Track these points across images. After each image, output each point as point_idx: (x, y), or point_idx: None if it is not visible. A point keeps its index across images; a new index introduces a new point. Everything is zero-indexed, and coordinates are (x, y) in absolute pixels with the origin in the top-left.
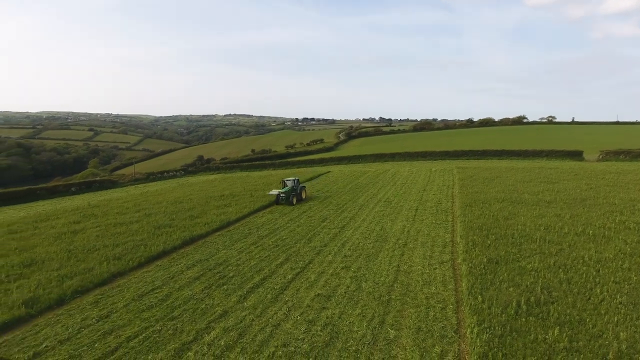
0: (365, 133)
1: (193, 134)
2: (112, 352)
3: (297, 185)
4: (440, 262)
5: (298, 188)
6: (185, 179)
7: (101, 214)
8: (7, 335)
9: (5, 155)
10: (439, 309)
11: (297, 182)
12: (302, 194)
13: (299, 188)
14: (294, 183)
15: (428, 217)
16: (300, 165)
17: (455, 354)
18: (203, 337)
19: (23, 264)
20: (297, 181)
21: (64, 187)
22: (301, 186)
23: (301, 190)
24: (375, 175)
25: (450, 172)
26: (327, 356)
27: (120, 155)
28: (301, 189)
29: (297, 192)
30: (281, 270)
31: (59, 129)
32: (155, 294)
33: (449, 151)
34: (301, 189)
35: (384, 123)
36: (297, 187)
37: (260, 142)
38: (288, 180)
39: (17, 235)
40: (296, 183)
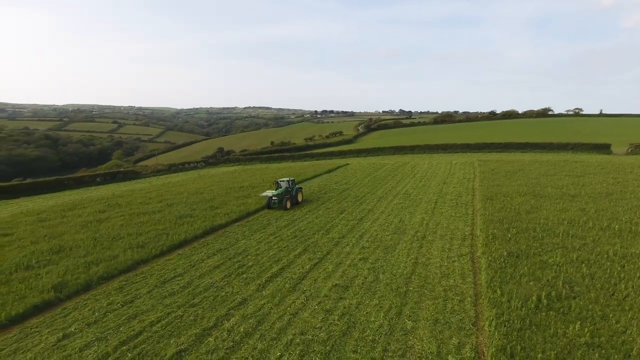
0: (385, 125)
1: (213, 126)
2: (136, 336)
3: (292, 186)
4: (459, 255)
5: (293, 190)
6: (206, 171)
7: (125, 204)
8: (38, 317)
9: (34, 147)
10: (456, 301)
11: (292, 182)
12: (298, 197)
13: (295, 190)
14: (288, 184)
15: (447, 210)
16: (319, 158)
17: (473, 346)
18: (223, 323)
19: (52, 251)
20: (292, 182)
21: (90, 177)
22: (297, 187)
23: (297, 193)
24: (394, 167)
25: (471, 165)
26: (344, 345)
27: (143, 147)
28: (297, 190)
29: (292, 195)
30: (299, 260)
31: (85, 121)
32: (177, 281)
33: (470, 144)
34: (297, 190)
35: (403, 115)
36: (292, 189)
37: (279, 134)
38: (282, 180)
39: (47, 223)
40: (291, 184)
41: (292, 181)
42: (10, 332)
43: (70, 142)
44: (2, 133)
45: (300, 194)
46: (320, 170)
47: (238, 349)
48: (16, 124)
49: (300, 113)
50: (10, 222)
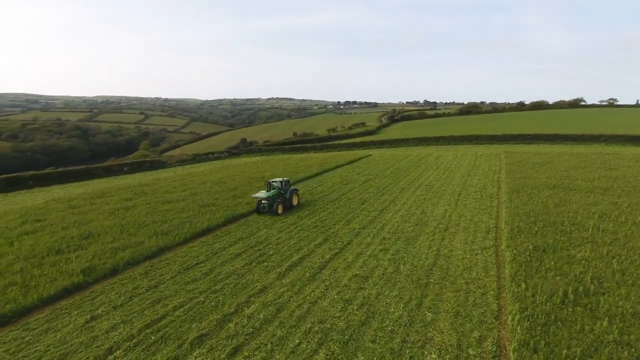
0: (409, 116)
1: (237, 117)
2: (160, 320)
3: (285, 188)
4: (482, 248)
5: (287, 192)
6: (229, 161)
7: (151, 192)
8: (68, 299)
9: (66, 137)
10: (479, 294)
11: (286, 184)
12: (293, 200)
13: (289, 192)
14: (281, 185)
15: (471, 202)
16: (341, 149)
17: (495, 340)
18: (243, 310)
19: (81, 236)
20: (286, 183)
21: (118, 166)
22: (292, 189)
23: (291, 195)
24: (418, 159)
25: (497, 156)
26: (362, 335)
27: (168, 138)
28: (292, 193)
29: (286, 198)
30: (319, 250)
31: (113, 112)
32: (200, 268)
33: (497, 135)
34: (292, 193)
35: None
36: (285, 191)
37: (302, 125)
38: (274, 181)
39: (77, 210)
40: (284, 185)
41: (286, 182)
42: (42, 313)
43: (100, 132)
44: (37, 124)
45: (295, 197)
46: (342, 161)
47: (257, 335)
48: (49, 115)
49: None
50: (43, 208)
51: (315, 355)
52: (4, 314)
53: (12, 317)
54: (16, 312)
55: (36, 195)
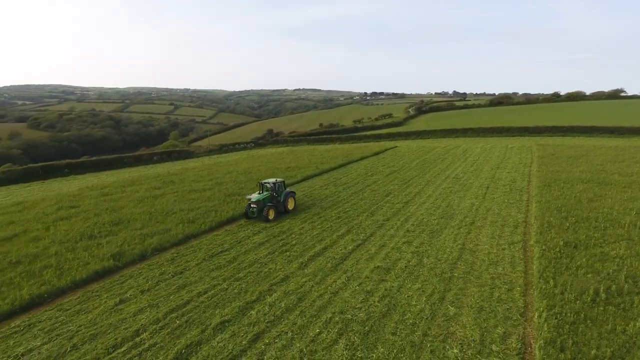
0: (437, 108)
1: (263, 108)
2: (185, 305)
3: (279, 190)
4: (510, 243)
5: (281, 195)
6: (255, 151)
7: (178, 181)
8: (99, 282)
9: (100, 127)
10: (504, 290)
11: (281, 185)
12: (288, 203)
13: (284, 195)
14: (274, 187)
15: (500, 195)
16: (367, 140)
17: (520, 337)
18: (265, 298)
19: (112, 223)
20: (281, 184)
21: (148, 156)
22: (288, 192)
23: (286, 198)
24: (445, 151)
25: (529, 149)
26: (383, 326)
27: (197, 128)
28: (287, 196)
29: (280, 201)
30: (342, 241)
31: (144, 103)
32: (224, 255)
33: (529, 127)
34: (287, 196)
35: (457, 97)
36: (279, 194)
37: (328, 116)
38: (267, 182)
39: (108, 197)
40: (278, 187)
41: (281, 183)
42: (75, 295)
43: (131, 122)
44: (72, 114)
45: (291, 200)
46: (368, 153)
47: (278, 323)
48: (84, 106)
49: (349, 95)
50: (77, 195)
51: (335, 345)
52: (39, 295)
53: (47, 298)
54: (51, 293)
55: (71, 183)
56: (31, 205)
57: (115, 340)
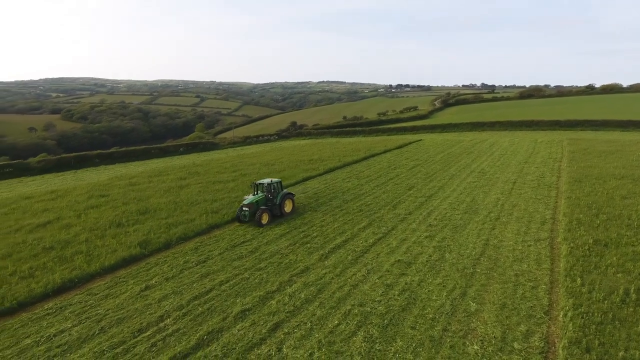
0: (464, 100)
1: (287, 101)
2: (207, 293)
3: (275, 191)
4: (536, 240)
5: (277, 197)
6: (278, 143)
7: (203, 172)
8: (126, 269)
9: (129, 119)
10: (529, 287)
11: (278, 186)
12: (285, 206)
13: (280, 197)
14: (270, 188)
15: (527, 191)
16: (391, 133)
17: (543, 336)
18: (285, 288)
19: (139, 212)
20: (278, 185)
21: (174, 147)
22: (285, 193)
23: (283, 200)
24: (471, 144)
25: (560, 143)
26: (402, 320)
27: (222, 120)
28: (284, 197)
29: (276, 204)
30: (363, 234)
31: (171, 95)
32: (246, 246)
33: (560, 121)
34: (284, 197)
35: (485, 90)
36: (275, 195)
37: (352, 109)
38: (262, 182)
39: (136, 187)
40: (274, 188)
41: (278, 184)
42: (103, 280)
43: (159, 114)
44: (103, 106)
45: (289, 203)
46: (391, 146)
47: (298, 314)
48: (114, 98)
49: (374, 87)
50: (107, 185)
51: (353, 337)
52: (71, 279)
53: (78, 283)
54: (81, 278)
55: (101, 173)
56: (64, 193)
57: (141, 325)
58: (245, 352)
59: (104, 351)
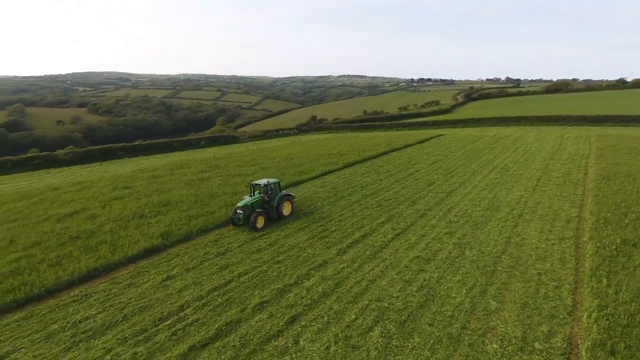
0: (487, 95)
1: (308, 95)
2: (226, 284)
3: (273, 193)
4: (560, 238)
5: (275, 199)
6: (298, 137)
7: (224, 165)
8: (148, 259)
9: (152, 113)
10: (552, 287)
11: (276, 187)
12: (283, 208)
13: (278, 198)
14: (266, 190)
15: (552, 188)
16: (412, 127)
17: (566, 337)
18: (303, 282)
19: (161, 203)
20: (275, 186)
21: (196, 140)
22: (283, 194)
23: (281, 203)
24: (494, 140)
25: (587, 139)
26: (420, 317)
27: (243, 114)
28: (282, 199)
29: (273, 206)
30: (382, 229)
31: (193, 89)
32: (264, 239)
33: (588, 116)
34: (282, 199)
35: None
36: (272, 197)
37: (372, 103)
38: (258, 183)
39: (158, 179)
40: (272, 189)
41: (275, 185)
42: (126, 269)
43: (181, 108)
44: (128, 100)
45: (287, 205)
46: (411, 141)
47: (315, 307)
48: (138, 92)
49: (395, 81)
50: (130, 177)
51: (370, 332)
52: (95, 268)
53: (102, 271)
54: (106, 267)
55: (125, 165)
56: (90, 185)
57: (162, 314)
58: (262, 343)
59: (126, 338)
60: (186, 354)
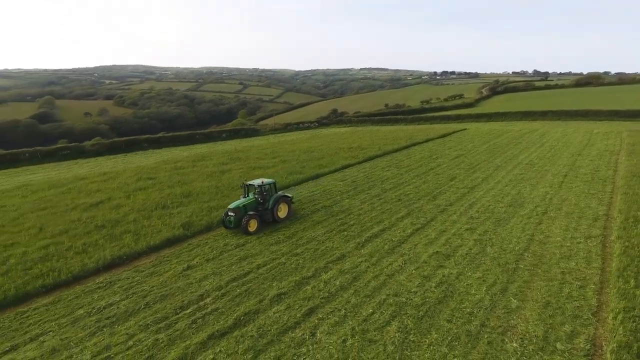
0: (513, 88)
1: (329, 88)
2: (245, 275)
3: (267, 194)
4: (586, 237)
5: (270, 201)
6: (318, 131)
7: (244, 158)
8: (170, 249)
9: (176, 105)
10: (576, 286)
11: (270, 188)
12: (278, 211)
13: (273, 200)
14: (261, 191)
15: (579, 185)
16: (434, 121)
17: (589, 338)
18: (321, 275)
19: (183, 194)
20: (270, 187)
21: (217, 133)
22: (279, 196)
23: (277, 204)
24: (519, 135)
25: (618, 135)
26: (438, 313)
27: (264, 107)
28: (277, 201)
29: (267, 208)
30: (401, 224)
31: (216, 82)
32: (283, 231)
33: (620, 110)
34: (277, 201)
35: (538, 77)
36: (266, 199)
37: (394, 96)
38: (252, 183)
39: (181, 171)
40: (267, 190)
41: (270, 185)
42: (149, 258)
43: (204, 101)
44: (152, 92)
45: (283, 207)
46: (433, 135)
47: (332, 300)
48: (162, 85)
49: (417, 74)
50: (154, 168)
51: (387, 326)
52: (119, 256)
53: (126, 260)
54: (129, 255)
55: (149, 156)
56: (115, 175)
57: (182, 302)
58: (279, 334)
59: (148, 325)
60: (205, 342)
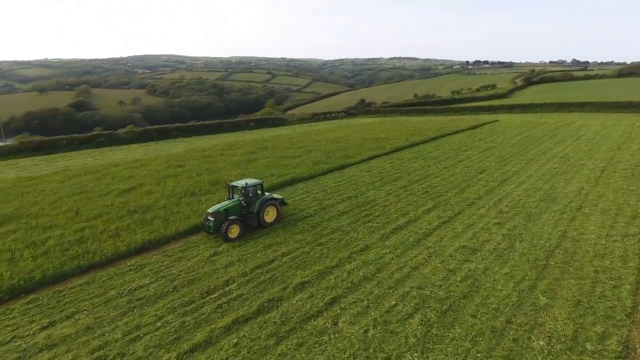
0: (550, 78)
1: (357, 78)
2: (269, 263)
3: (252, 197)
4: (623, 235)
5: (255, 203)
6: (346, 121)
7: (271, 147)
8: (197, 235)
9: (205, 94)
10: (609, 286)
11: (255, 190)
12: (265, 214)
13: (259, 203)
14: (247, 193)
15: (617, 180)
16: (464, 112)
17: (622, 339)
18: (344, 265)
19: (211, 182)
20: (256, 188)
21: (245, 122)
22: (267, 198)
23: (263, 207)
24: (554, 127)
25: None
26: (462, 307)
27: (291, 97)
28: (264, 204)
29: (253, 212)
30: (427, 216)
31: (244, 72)
32: (308, 221)
33: None
34: (264, 204)
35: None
36: (251, 202)
37: (424, 86)
38: (237, 184)
39: (209, 159)
40: (252, 192)
41: (256, 186)
42: (177, 244)
43: (232, 90)
44: (183, 82)
45: (271, 210)
46: (464, 126)
47: (355, 291)
48: (192, 75)
49: (449, 64)
50: (183, 156)
51: (410, 319)
52: (150, 241)
53: (156, 244)
54: (159, 240)
55: (179, 145)
56: (146, 162)
57: (209, 287)
58: (302, 322)
59: (175, 307)
60: (230, 326)
